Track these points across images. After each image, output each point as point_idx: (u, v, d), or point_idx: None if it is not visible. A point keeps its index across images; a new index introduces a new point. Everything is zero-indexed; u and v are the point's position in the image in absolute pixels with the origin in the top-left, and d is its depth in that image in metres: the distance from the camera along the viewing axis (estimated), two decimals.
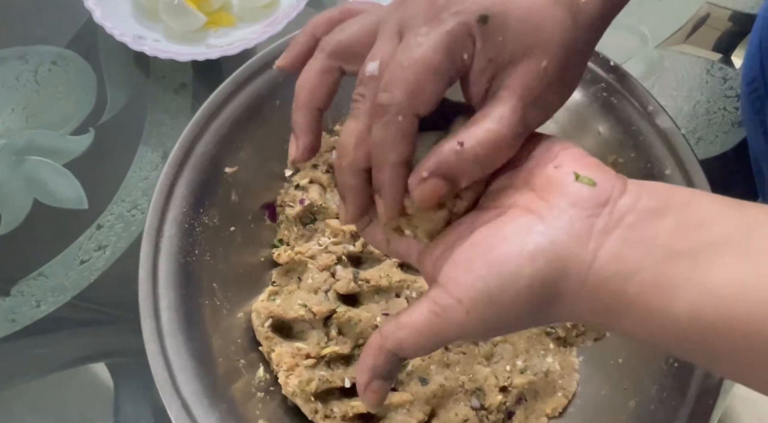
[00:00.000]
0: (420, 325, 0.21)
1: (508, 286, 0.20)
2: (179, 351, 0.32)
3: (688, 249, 0.19)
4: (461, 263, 0.21)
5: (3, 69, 0.50)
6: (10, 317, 0.43)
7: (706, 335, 0.19)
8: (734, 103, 0.47)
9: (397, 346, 0.22)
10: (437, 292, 0.21)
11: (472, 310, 0.20)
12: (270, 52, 0.38)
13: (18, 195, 0.46)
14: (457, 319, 0.21)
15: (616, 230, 0.20)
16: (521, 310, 0.21)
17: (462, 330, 0.21)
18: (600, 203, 0.20)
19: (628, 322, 0.20)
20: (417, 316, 0.21)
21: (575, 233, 0.20)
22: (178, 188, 0.35)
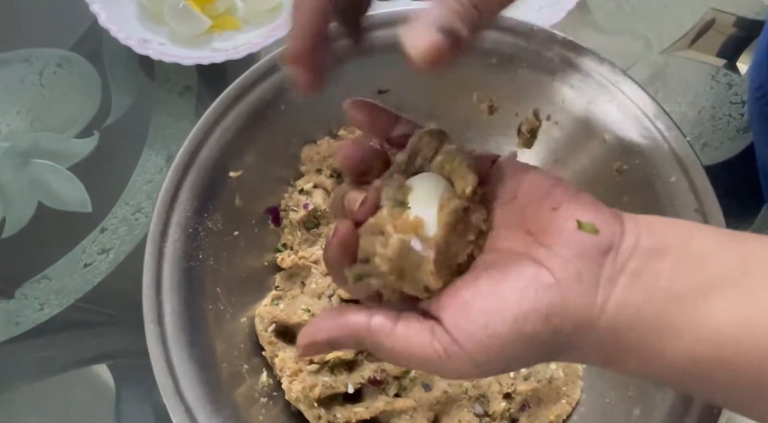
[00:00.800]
0: (417, 355, 0.21)
1: (523, 345, 0.20)
2: (183, 356, 0.32)
3: (688, 289, 0.19)
4: (473, 315, 0.20)
5: (8, 71, 0.50)
6: (14, 320, 0.43)
7: (705, 375, 0.19)
8: (739, 110, 0.47)
9: (376, 348, 0.21)
10: (446, 338, 0.20)
11: (483, 364, 0.20)
12: (275, 57, 0.38)
13: (22, 198, 0.46)
14: (461, 369, 0.20)
15: (621, 278, 0.20)
16: (532, 360, 0.21)
17: (461, 375, 0.21)
18: (604, 251, 0.20)
19: (630, 365, 0.20)
20: (418, 346, 0.21)
21: (584, 287, 0.20)
22: (182, 192, 0.35)
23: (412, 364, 0.21)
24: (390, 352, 0.21)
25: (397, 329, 0.21)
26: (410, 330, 0.21)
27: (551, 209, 0.21)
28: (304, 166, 0.41)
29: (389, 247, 0.21)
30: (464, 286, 0.21)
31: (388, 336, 0.21)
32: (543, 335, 0.20)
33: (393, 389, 0.36)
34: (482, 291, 0.20)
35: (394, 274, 0.21)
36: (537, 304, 0.20)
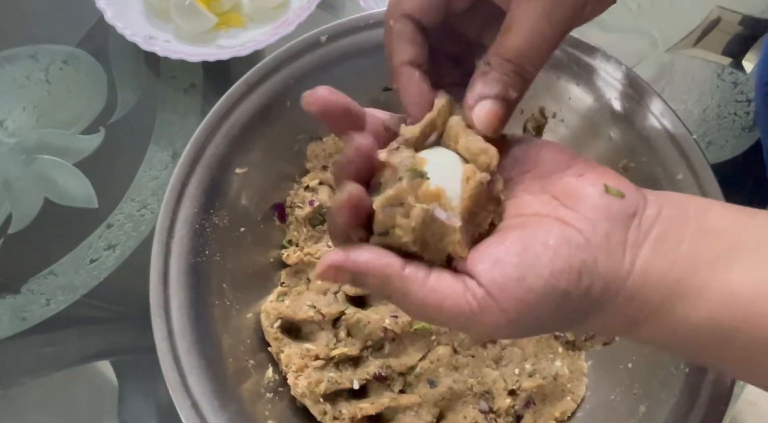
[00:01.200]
0: (449, 307, 0.20)
1: (556, 302, 0.20)
2: (189, 351, 0.32)
3: (708, 257, 0.20)
4: (508, 270, 0.20)
5: (14, 67, 0.50)
6: (20, 315, 0.43)
7: (724, 339, 0.20)
8: (745, 108, 0.47)
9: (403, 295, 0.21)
10: (479, 291, 0.20)
11: (515, 320, 0.20)
12: (281, 53, 0.38)
13: (29, 194, 0.46)
14: (494, 323, 0.20)
15: (646, 243, 0.20)
16: (560, 322, 0.21)
17: (492, 331, 0.21)
18: (630, 215, 0.21)
19: (649, 331, 0.21)
20: (451, 298, 0.20)
21: (612, 248, 0.20)
22: (189, 189, 0.36)
23: (440, 317, 0.21)
24: (418, 302, 0.21)
25: (430, 279, 0.21)
26: (443, 281, 0.21)
27: (577, 176, 0.22)
28: (310, 162, 0.41)
29: (412, 218, 0.20)
30: (493, 245, 0.21)
31: (420, 284, 0.21)
32: (575, 293, 0.20)
33: (398, 385, 0.36)
34: (513, 249, 0.20)
35: (417, 245, 0.21)
36: (570, 262, 0.20)
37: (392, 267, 0.21)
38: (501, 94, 0.22)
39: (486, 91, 0.22)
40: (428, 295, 0.21)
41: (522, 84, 0.22)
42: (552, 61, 0.37)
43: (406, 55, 0.23)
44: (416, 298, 0.21)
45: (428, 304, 0.21)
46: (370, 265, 0.21)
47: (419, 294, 0.21)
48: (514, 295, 0.20)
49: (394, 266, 0.21)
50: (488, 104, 0.22)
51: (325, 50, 0.38)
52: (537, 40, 0.22)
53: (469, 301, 0.20)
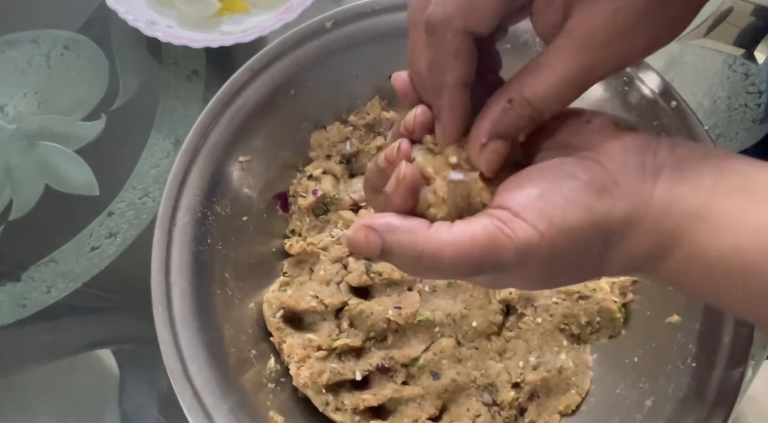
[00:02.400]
0: (479, 238, 0.20)
1: (583, 216, 0.20)
2: (191, 340, 0.32)
3: (732, 190, 0.20)
4: (529, 192, 0.20)
5: (15, 53, 0.49)
6: (21, 303, 0.43)
7: (748, 272, 0.19)
8: (756, 100, 0.46)
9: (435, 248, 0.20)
10: (505, 214, 0.20)
11: (547, 235, 0.20)
12: (286, 40, 0.38)
13: (29, 180, 0.46)
14: (526, 241, 0.20)
15: (664, 171, 0.20)
16: (591, 248, 0.20)
17: (525, 256, 0.20)
18: (644, 146, 0.21)
19: (673, 263, 0.20)
20: (478, 228, 0.20)
21: (631, 173, 0.20)
22: (191, 177, 0.35)
23: (477, 253, 0.20)
24: (452, 246, 0.20)
25: (456, 225, 0.21)
26: (469, 222, 0.21)
27: (585, 122, 0.22)
28: (314, 151, 0.40)
29: (438, 190, 0.22)
30: (513, 180, 0.21)
31: (448, 231, 0.20)
32: (598, 209, 0.20)
33: (401, 377, 0.36)
34: (534, 178, 0.21)
35: (453, 212, 0.22)
36: (589, 180, 0.20)
37: (420, 225, 0.21)
38: (514, 135, 0.22)
39: (501, 130, 0.21)
40: (457, 237, 0.20)
41: (532, 127, 0.22)
42: None
43: (462, 73, 0.22)
44: (447, 243, 0.20)
45: (460, 246, 0.20)
46: (399, 223, 0.21)
47: (448, 239, 0.20)
48: (539, 208, 0.20)
49: (420, 224, 0.21)
50: (500, 144, 0.21)
51: (330, 36, 0.38)
52: (566, 91, 0.21)
53: (497, 224, 0.20)
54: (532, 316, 0.36)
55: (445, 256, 0.20)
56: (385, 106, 0.40)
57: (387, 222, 0.21)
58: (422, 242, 0.21)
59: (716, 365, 0.30)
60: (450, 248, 0.20)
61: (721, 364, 0.30)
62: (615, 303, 0.35)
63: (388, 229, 0.21)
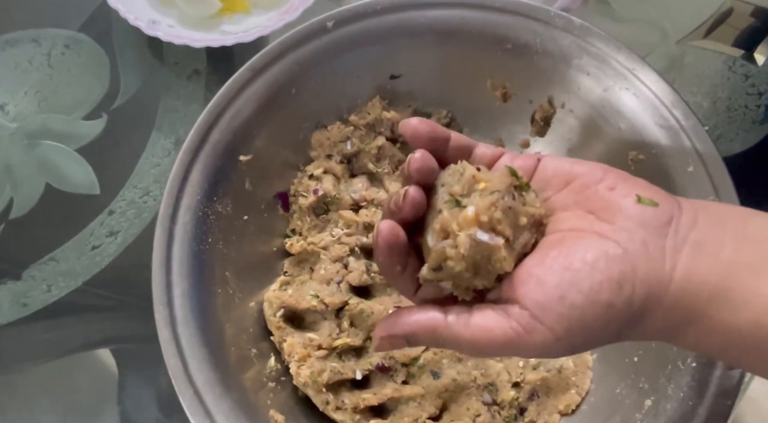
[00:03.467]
0: (497, 338, 0.21)
1: (602, 314, 0.20)
2: (192, 339, 0.32)
3: (750, 262, 0.20)
4: (548, 289, 0.21)
5: (16, 52, 0.49)
6: (21, 301, 0.43)
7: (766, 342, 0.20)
8: (756, 101, 0.46)
9: (455, 340, 0.22)
10: (523, 316, 0.21)
11: (564, 338, 0.21)
12: (287, 39, 0.38)
13: (30, 179, 0.46)
14: (543, 343, 0.21)
15: (685, 248, 0.21)
16: (608, 335, 0.21)
17: (542, 352, 0.21)
18: (665, 222, 0.21)
19: (693, 337, 0.21)
20: (496, 330, 0.21)
21: (650, 255, 0.21)
22: (192, 175, 0.35)
23: (495, 349, 0.22)
24: (470, 343, 0.22)
25: (473, 319, 0.22)
26: (486, 317, 0.22)
27: (608, 189, 0.22)
28: (315, 151, 0.40)
29: (460, 246, 0.22)
30: (533, 265, 0.22)
31: (466, 326, 0.22)
32: (618, 303, 0.20)
33: (401, 376, 0.36)
34: (553, 267, 0.21)
35: (469, 270, 0.22)
36: (609, 274, 0.20)
37: (436, 319, 0.23)
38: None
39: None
40: (476, 335, 0.22)
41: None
42: (561, 50, 0.37)
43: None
44: (465, 340, 0.22)
45: (478, 343, 0.22)
46: (416, 325, 0.23)
47: (467, 336, 0.22)
48: (558, 312, 0.20)
49: (437, 319, 0.23)
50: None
51: (331, 37, 0.38)
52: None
53: (515, 328, 0.21)
54: None
55: (464, 348, 0.22)
56: (386, 106, 0.40)
57: (406, 330, 0.23)
58: (443, 338, 0.22)
59: (716, 365, 0.30)
60: (468, 343, 0.22)
61: (721, 364, 0.30)
62: None
63: (409, 334, 0.23)
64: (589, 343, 0.21)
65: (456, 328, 0.22)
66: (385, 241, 0.23)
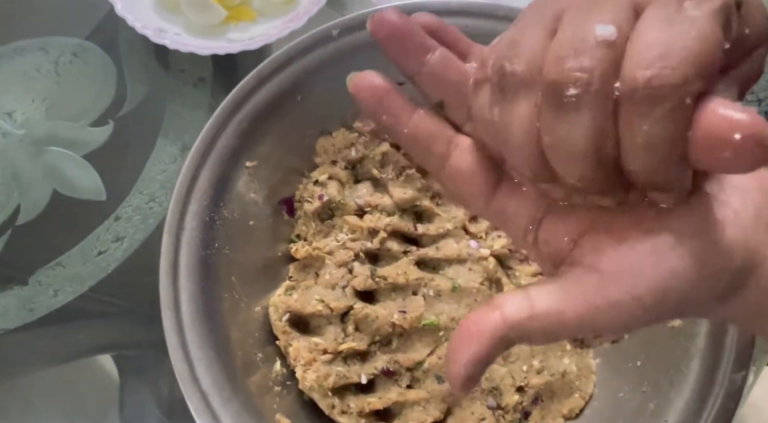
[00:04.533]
0: (570, 319, 0.17)
1: (706, 284, 0.17)
2: (198, 343, 0.32)
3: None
4: (644, 252, 0.17)
5: (24, 60, 0.50)
6: (28, 306, 0.43)
7: None
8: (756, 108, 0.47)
9: (523, 335, 0.18)
10: (603, 284, 0.17)
11: (652, 308, 0.17)
12: (293, 47, 0.38)
13: (37, 185, 0.46)
14: (626, 316, 0.17)
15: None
16: (701, 307, 0.18)
17: (620, 327, 0.17)
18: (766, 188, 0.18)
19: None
20: (567, 306, 0.17)
21: (762, 226, 0.18)
22: (199, 181, 0.36)
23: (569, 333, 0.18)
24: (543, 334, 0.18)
25: (536, 304, 0.18)
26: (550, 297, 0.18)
27: None
28: (319, 157, 0.41)
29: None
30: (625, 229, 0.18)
31: (530, 317, 0.18)
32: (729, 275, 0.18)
33: (406, 380, 0.36)
34: (653, 230, 0.17)
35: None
36: (718, 238, 0.17)
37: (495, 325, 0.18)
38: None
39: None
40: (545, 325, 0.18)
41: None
42: None
43: None
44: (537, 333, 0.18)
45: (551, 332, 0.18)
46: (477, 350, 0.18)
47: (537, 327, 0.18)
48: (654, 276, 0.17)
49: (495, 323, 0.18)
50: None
51: (336, 44, 0.38)
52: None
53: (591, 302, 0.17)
54: None
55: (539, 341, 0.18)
56: None
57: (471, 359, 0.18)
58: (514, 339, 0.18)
59: (718, 369, 0.30)
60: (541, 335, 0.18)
61: (723, 368, 0.30)
62: None
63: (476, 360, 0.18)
64: (677, 314, 0.18)
65: (521, 326, 0.17)
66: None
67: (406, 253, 0.39)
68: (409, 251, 0.39)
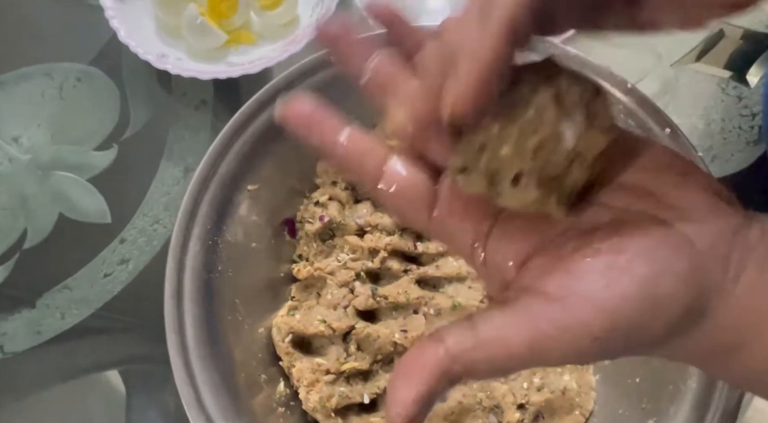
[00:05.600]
0: (517, 346, 0.16)
1: (659, 312, 0.16)
2: (203, 366, 0.33)
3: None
4: (594, 275, 0.16)
5: (29, 85, 0.51)
6: (36, 329, 0.43)
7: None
8: (749, 122, 0.47)
9: (467, 369, 0.17)
10: (550, 309, 0.16)
11: (603, 338, 0.16)
12: (292, 72, 0.39)
13: (44, 209, 0.47)
14: (574, 345, 0.16)
15: (750, 264, 0.17)
16: (655, 341, 0.17)
17: (570, 358, 0.17)
18: (736, 228, 0.18)
19: (741, 364, 0.18)
20: (513, 334, 0.16)
21: (718, 258, 0.17)
22: (202, 206, 0.36)
23: (516, 364, 0.17)
24: (488, 364, 0.17)
25: (480, 333, 0.17)
26: (495, 326, 0.17)
27: (680, 175, 0.18)
28: (320, 178, 0.41)
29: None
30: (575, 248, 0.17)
31: (474, 347, 0.17)
32: (682, 297, 0.16)
33: None
34: (601, 249, 0.17)
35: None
36: (675, 267, 0.16)
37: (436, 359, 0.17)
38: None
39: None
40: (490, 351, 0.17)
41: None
42: None
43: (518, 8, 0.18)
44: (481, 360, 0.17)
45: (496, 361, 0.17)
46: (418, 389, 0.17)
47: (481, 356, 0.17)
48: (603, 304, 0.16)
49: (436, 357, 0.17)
50: None
51: (333, 69, 0.39)
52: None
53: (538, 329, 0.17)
54: None
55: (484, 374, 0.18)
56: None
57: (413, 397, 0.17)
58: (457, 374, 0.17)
59: (716, 386, 0.31)
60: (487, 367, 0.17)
61: (720, 386, 0.30)
62: None
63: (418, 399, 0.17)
64: (628, 348, 0.17)
65: (463, 356, 0.17)
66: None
67: (406, 272, 0.39)
68: (410, 270, 0.39)
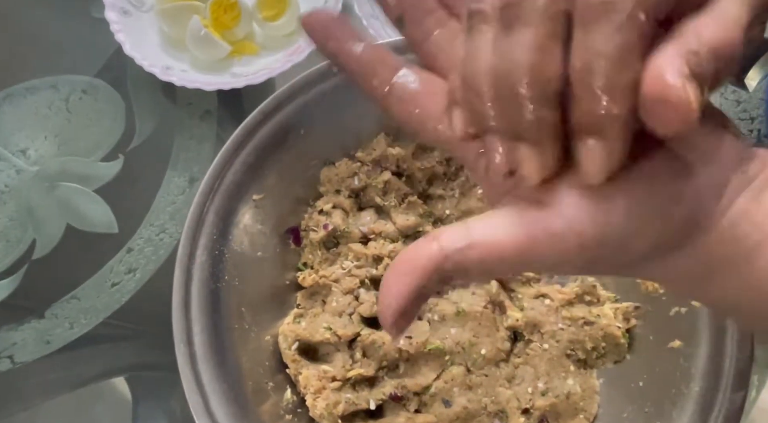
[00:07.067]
0: (508, 249, 0.17)
1: (648, 229, 0.17)
2: (212, 375, 0.33)
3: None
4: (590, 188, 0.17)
5: (36, 98, 0.52)
6: (45, 339, 0.44)
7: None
8: (749, 126, 0.48)
9: (459, 267, 0.17)
10: (544, 215, 0.17)
11: (590, 247, 0.17)
12: (295, 83, 0.40)
13: (51, 220, 0.47)
14: (562, 251, 0.17)
15: (746, 191, 0.18)
16: (639, 260, 0.18)
17: (555, 264, 0.17)
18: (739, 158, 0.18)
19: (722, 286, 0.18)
20: (505, 236, 0.17)
21: (714, 187, 0.17)
22: (208, 216, 0.37)
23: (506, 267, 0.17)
24: (479, 265, 0.17)
25: (474, 234, 0.17)
26: (488, 228, 0.17)
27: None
28: (324, 187, 0.42)
29: None
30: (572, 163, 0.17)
31: (467, 247, 0.17)
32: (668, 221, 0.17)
33: (413, 405, 0.37)
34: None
35: None
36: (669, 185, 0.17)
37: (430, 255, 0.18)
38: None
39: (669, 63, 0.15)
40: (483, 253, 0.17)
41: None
42: None
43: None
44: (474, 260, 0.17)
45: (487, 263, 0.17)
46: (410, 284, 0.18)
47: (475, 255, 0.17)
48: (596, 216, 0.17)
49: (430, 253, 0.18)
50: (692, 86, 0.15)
51: (336, 80, 0.40)
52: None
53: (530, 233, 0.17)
54: (539, 343, 0.37)
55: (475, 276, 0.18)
56: (391, 142, 0.42)
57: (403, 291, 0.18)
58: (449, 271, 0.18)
59: (718, 390, 0.31)
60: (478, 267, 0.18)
61: (723, 388, 0.31)
62: (619, 328, 0.36)
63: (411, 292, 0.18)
64: (613, 263, 0.18)
65: (457, 255, 0.17)
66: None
67: None
68: None
